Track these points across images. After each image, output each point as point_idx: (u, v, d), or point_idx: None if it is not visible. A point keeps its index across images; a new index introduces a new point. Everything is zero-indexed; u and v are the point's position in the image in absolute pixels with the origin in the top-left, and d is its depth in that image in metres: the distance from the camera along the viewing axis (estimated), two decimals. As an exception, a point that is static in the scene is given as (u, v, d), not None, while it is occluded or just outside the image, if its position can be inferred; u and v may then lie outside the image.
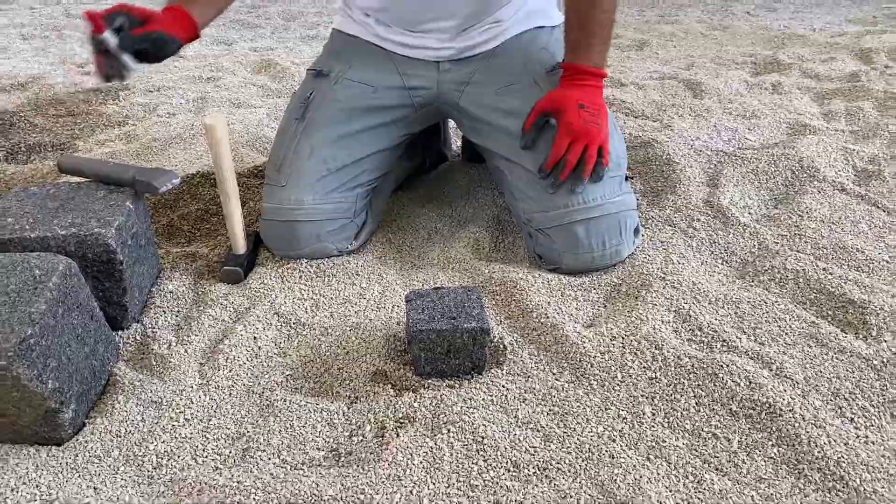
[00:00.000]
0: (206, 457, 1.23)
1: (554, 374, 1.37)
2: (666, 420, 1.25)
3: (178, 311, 1.59)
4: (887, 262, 1.64)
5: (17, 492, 1.16)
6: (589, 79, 1.60)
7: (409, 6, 1.69)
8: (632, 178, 2.00)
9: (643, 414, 1.26)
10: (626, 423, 1.25)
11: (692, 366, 1.34)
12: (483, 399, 1.31)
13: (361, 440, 1.25)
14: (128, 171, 1.55)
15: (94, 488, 1.17)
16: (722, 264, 1.68)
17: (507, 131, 1.68)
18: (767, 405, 1.24)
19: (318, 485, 1.14)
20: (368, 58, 1.77)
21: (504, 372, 1.38)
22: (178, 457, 1.23)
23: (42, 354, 1.18)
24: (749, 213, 1.86)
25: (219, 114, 1.56)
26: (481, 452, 1.19)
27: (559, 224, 1.62)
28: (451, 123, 2.37)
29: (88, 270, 1.44)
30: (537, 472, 1.16)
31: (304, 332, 1.52)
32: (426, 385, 1.36)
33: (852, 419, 1.23)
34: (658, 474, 1.15)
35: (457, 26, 1.71)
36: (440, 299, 1.40)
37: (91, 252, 1.42)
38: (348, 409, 1.32)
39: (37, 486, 1.17)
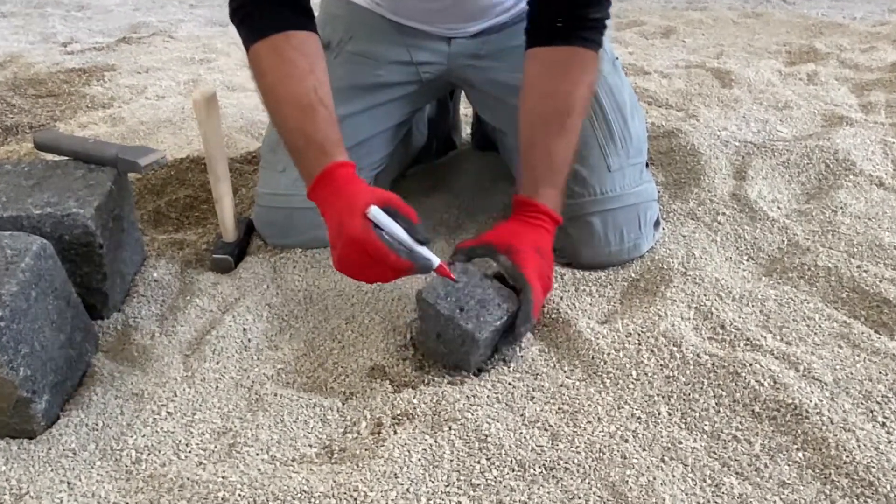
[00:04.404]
0: (190, 452, 1.25)
1: (564, 371, 1.38)
2: (683, 421, 1.26)
3: (163, 301, 1.60)
4: (927, 260, 1.64)
5: (-13, 484, 1.17)
6: (545, 221, 1.48)
7: (420, 6, 1.69)
8: (652, 163, 2.01)
9: (659, 414, 1.27)
10: (640, 423, 1.25)
11: (712, 364, 1.34)
12: (487, 396, 1.32)
13: (356, 437, 1.26)
14: (109, 148, 1.56)
15: (68, 483, 1.19)
16: (748, 260, 1.69)
17: (516, 110, 1.67)
18: (793, 407, 1.25)
19: (308, 481, 1.15)
20: (371, 27, 1.76)
21: (511, 369, 1.39)
22: (160, 451, 1.24)
23: (13, 339, 1.19)
24: (778, 208, 1.86)
25: (208, 88, 1.57)
26: (484, 451, 1.20)
27: (574, 215, 1.63)
28: (463, 109, 2.37)
29: (65, 254, 1.44)
30: (544, 471, 1.16)
31: (297, 325, 1.53)
32: (426, 381, 1.37)
33: (884, 423, 1.23)
34: (673, 477, 1.15)
35: (471, 21, 1.71)
36: (476, 288, 1.41)
37: (68, 234, 1.43)
38: (343, 404, 1.33)
39: (6, 479, 1.19)
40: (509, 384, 1.35)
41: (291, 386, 1.39)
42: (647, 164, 1.70)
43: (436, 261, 1.34)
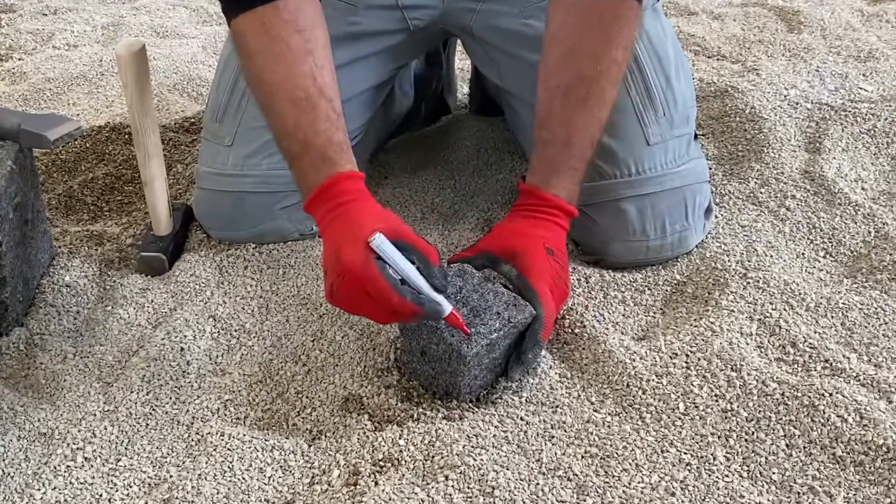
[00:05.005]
0: (113, 509, 1.24)
1: (592, 403, 1.37)
2: (745, 468, 1.25)
3: (77, 312, 1.59)
4: None
5: None
6: (557, 216, 1.49)
7: None
8: (701, 134, 1.99)
9: (714, 459, 1.26)
10: (690, 471, 1.24)
11: (782, 394, 1.33)
12: (494, 436, 1.31)
13: (327, 489, 1.25)
14: (10, 117, 1.54)
15: (-41, 550, 1.18)
16: (825, 257, 1.68)
17: (532, 67, 1.66)
18: (885, 449, 1.24)
19: (265, 549, 1.14)
20: None
21: (523, 400, 1.38)
22: (75, 509, 1.24)
23: None
24: (863, 189, 1.86)
25: (135, 40, 1.55)
26: (491, 508, 1.19)
27: (603, 201, 1.63)
28: (458, 63, 2.36)
29: (-46, 253, 1.44)
30: (568, 535, 1.16)
31: (250, 343, 1.52)
32: (415, 416, 1.36)
33: None
34: (733, 541, 1.15)
35: None
36: (472, 293, 1.40)
37: (-42, 228, 1.42)
38: (309, 447, 1.32)
39: None
40: (521, 419, 1.34)
41: (242, 423, 1.38)
42: (695, 136, 1.69)
43: (447, 307, 1.33)
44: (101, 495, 1.25)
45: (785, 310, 1.51)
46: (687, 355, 1.42)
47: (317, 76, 1.41)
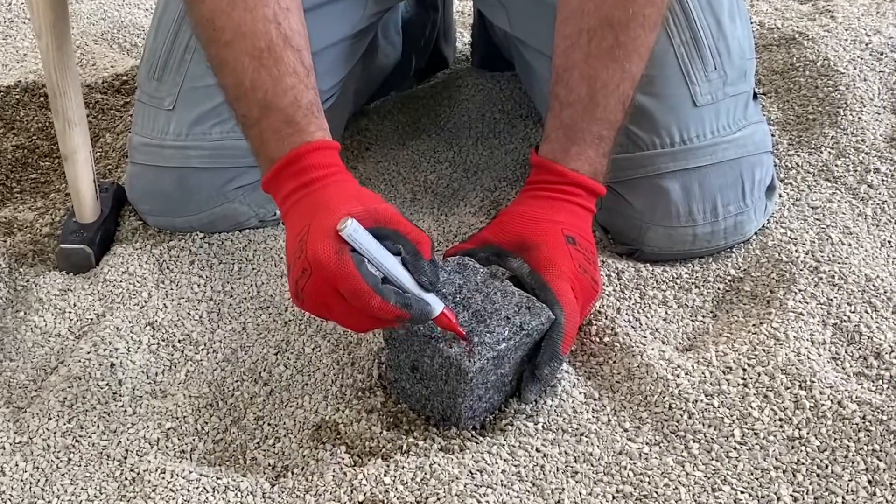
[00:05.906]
0: (28, 565, 1.24)
1: (626, 429, 1.37)
2: (817, 509, 1.25)
3: (-18, 319, 1.59)
4: None
5: None
6: (579, 195, 1.49)
7: None
8: (763, 94, 1.99)
9: (778, 499, 1.25)
10: (749, 514, 1.24)
11: (863, 418, 1.33)
12: (504, 471, 1.30)
13: (293, 540, 1.25)
14: None
15: None
16: (917, 246, 1.68)
17: (549, 8, 1.66)
18: None
19: None
20: None
21: (539, 427, 1.38)
22: (-19, 564, 1.24)
23: None
24: (964, 160, 1.86)
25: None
26: (500, 562, 1.19)
27: (638, 176, 1.63)
28: (457, 5, 2.36)
29: None
30: None
31: (198, 358, 1.53)
32: (405, 447, 1.35)
33: None
34: None
35: None
36: (475, 293, 1.39)
37: None
38: (272, 486, 1.32)
39: None
40: (537, 451, 1.34)
41: (188, 457, 1.38)
42: (754, 95, 1.69)
43: (437, 307, 1.30)
44: (12, 548, 1.26)
45: (866, 312, 1.51)
46: (744, 370, 1.41)
47: (281, 21, 1.39)
